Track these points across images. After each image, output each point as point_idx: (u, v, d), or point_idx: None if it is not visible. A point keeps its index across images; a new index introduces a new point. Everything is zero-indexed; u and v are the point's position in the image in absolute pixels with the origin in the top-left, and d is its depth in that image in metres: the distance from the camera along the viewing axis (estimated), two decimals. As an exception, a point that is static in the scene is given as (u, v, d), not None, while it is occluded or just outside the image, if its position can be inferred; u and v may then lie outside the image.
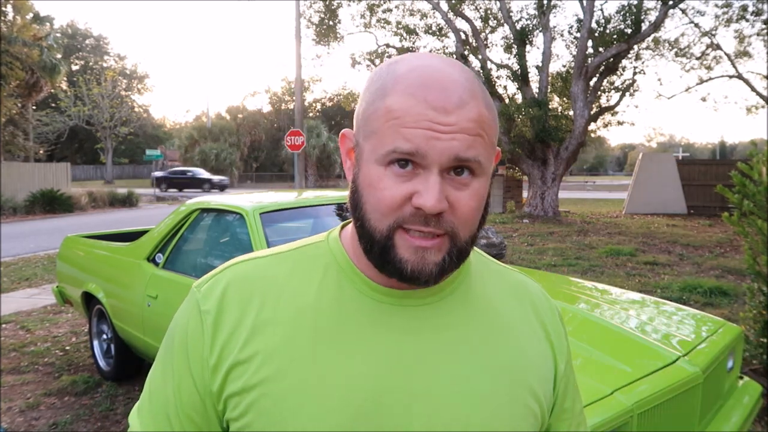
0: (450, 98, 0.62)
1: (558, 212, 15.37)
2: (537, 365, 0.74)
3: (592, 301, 2.80)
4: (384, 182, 0.63)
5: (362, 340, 0.67)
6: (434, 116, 0.61)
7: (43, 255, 10.29)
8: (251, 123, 46.24)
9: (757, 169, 3.59)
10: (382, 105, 0.64)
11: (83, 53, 52.75)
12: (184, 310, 0.73)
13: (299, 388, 0.64)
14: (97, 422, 3.48)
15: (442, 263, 0.64)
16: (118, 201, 22.38)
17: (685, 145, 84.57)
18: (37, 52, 24.54)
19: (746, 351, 3.60)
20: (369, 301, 0.69)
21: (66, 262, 4.66)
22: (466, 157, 0.62)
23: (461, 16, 16.21)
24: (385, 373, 0.66)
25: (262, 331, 0.67)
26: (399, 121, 0.62)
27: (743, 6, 15.84)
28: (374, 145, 0.64)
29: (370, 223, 0.65)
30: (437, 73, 0.64)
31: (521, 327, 0.75)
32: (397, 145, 0.62)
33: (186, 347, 0.70)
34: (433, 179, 0.61)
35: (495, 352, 0.71)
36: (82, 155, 52.26)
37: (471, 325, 0.72)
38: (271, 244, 2.91)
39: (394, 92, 0.64)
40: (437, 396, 0.66)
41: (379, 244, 0.64)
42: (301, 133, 14.08)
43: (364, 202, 0.66)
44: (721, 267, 7.87)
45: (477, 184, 0.64)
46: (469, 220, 0.65)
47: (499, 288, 0.78)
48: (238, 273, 0.72)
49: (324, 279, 0.71)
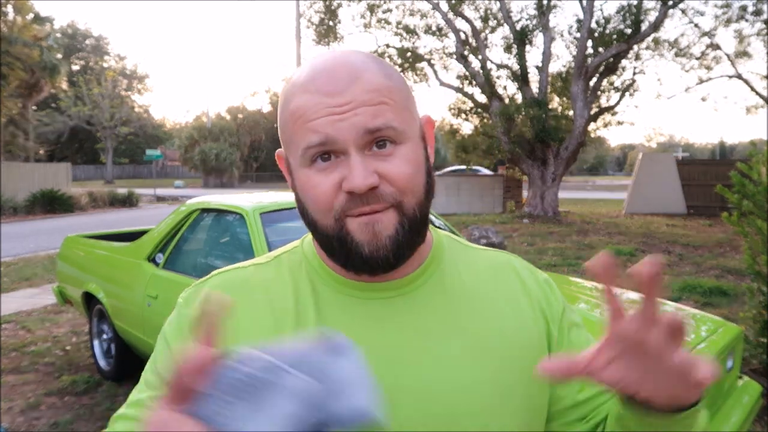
0: (338, 79, 0.63)
1: (558, 212, 15.36)
2: (526, 342, 0.72)
3: (592, 301, 2.80)
4: (312, 181, 0.64)
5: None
6: (330, 101, 0.62)
7: (44, 255, 10.29)
8: (251, 123, 46.25)
9: (756, 169, 3.59)
10: (287, 113, 0.66)
11: (83, 53, 52.75)
12: (171, 315, 0.75)
13: None
14: (97, 422, 3.49)
15: (396, 235, 0.64)
16: (118, 201, 22.38)
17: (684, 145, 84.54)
18: (37, 52, 24.54)
19: (746, 351, 3.60)
20: (344, 297, 0.70)
21: (66, 262, 4.66)
22: (376, 126, 0.62)
23: (461, 16, 16.20)
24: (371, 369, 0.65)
25: (248, 336, 0.66)
26: (303, 118, 0.63)
27: (743, 6, 15.83)
28: (293, 151, 0.66)
29: (319, 224, 0.66)
30: (325, 63, 0.66)
31: (503, 307, 0.73)
32: (308, 141, 0.63)
33: (167, 342, 0.72)
34: (354, 159, 0.62)
35: (476, 336, 0.69)
36: (83, 155, 52.26)
37: (448, 312, 0.70)
38: (271, 244, 2.91)
39: (293, 96, 0.65)
40: (421, 388, 0.65)
41: (335, 238, 0.65)
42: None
43: (306, 208, 0.67)
44: (720, 267, 7.88)
45: (404, 149, 0.64)
46: (408, 185, 0.64)
47: (476, 271, 0.76)
48: (218, 282, 0.74)
49: (299, 282, 0.72)
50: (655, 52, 17.43)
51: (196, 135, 42.57)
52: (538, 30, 15.51)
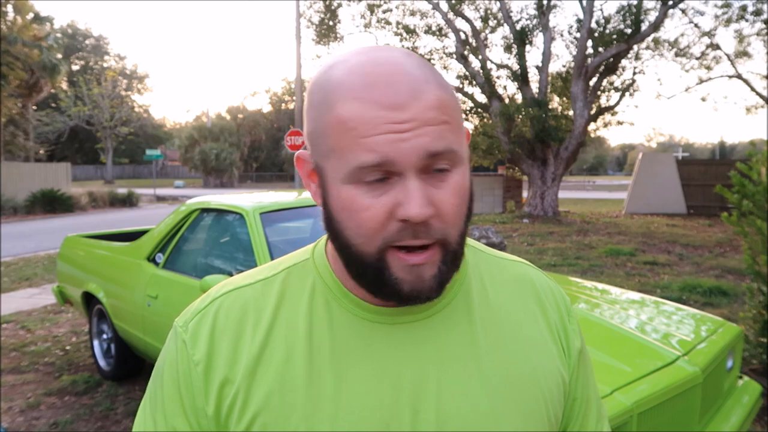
0: (399, 91, 0.56)
1: (558, 212, 15.37)
2: (547, 368, 0.69)
3: (592, 301, 2.80)
4: (359, 202, 0.57)
5: (361, 368, 0.63)
6: (390, 116, 0.55)
7: (44, 255, 10.29)
8: (251, 123, 46.27)
9: (756, 169, 3.60)
10: (330, 118, 0.58)
11: (83, 53, 52.74)
12: (171, 349, 0.67)
13: (303, 428, 0.61)
14: (97, 422, 3.49)
15: (439, 275, 0.59)
16: (118, 201, 22.38)
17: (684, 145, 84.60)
18: (37, 52, 24.55)
19: (746, 351, 3.61)
20: (362, 322, 0.64)
21: (66, 262, 4.66)
22: (438, 149, 0.56)
23: (461, 16, 16.21)
24: (390, 401, 0.62)
25: (258, 369, 0.63)
26: (355, 132, 0.56)
27: (743, 6, 15.83)
28: (335, 164, 0.58)
29: (357, 248, 0.59)
30: (379, 67, 0.58)
31: (527, 328, 0.70)
32: (362, 160, 0.56)
33: (179, 390, 0.65)
34: (412, 185, 0.56)
35: (502, 363, 0.66)
36: (82, 155, 52.27)
37: (474, 337, 0.66)
38: (271, 244, 2.91)
39: (340, 100, 0.57)
40: (446, 418, 0.62)
41: (371, 267, 0.59)
42: (301, 133, 14.06)
43: (343, 228, 0.59)
44: (720, 267, 7.87)
45: (456, 176, 0.59)
46: (456, 220, 0.60)
47: (500, 284, 0.72)
48: (224, 306, 0.67)
49: (312, 303, 0.66)
50: (655, 52, 17.44)
51: (196, 135, 42.58)
52: (538, 30, 15.52)
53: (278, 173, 47.97)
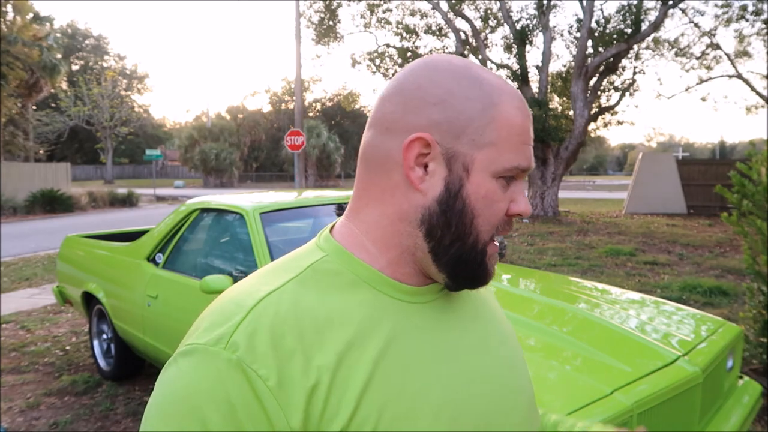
0: (527, 117, 0.67)
1: (558, 212, 15.37)
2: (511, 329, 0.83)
3: (591, 301, 2.80)
4: (497, 195, 0.65)
5: (422, 346, 0.64)
6: (529, 131, 0.66)
7: (43, 255, 10.29)
8: (251, 123, 46.27)
9: (756, 169, 3.59)
10: (496, 115, 0.62)
11: (83, 53, 52.75)
12: (207, 380, 0.54)
13: (402, 412, 0.59)
14: (97, 422, 3.49)
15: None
16: (118, 201, 22.38)
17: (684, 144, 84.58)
18: (37, 52, 24.55)
19: (746, 351, 3.60)
20: (405, 305, 0.65)
21: (66, 262, 4.66)
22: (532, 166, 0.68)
23: (461, 16, 16.21)
24: (454, 370, 0.66)
25: (343, 364, 0.58)
26: (521, 138, 0.64)
27: (743, 6, 15.83)
28: (492, 157, 0.63)
29: (479, 236, 0.65)
30: (522, 101, 0.67)
31: (492, 299, 0.82)
32: (521, 163, 0.64)
33: (237, 422, 0.53)
34: (521, 188, 0.67)
35: (500, 324, 0.77)
36: (82, 155, 52.27)
37: (476, 301, 0.76)
38: (271, 244, 2.91)
39: (503, 104, 0.64)
40: (495, 378, 0.69)
41: (480, 254, 0.66)
42: (301, 133, 14.08)
43: (476, 215, 0.64)
44: (720, 267, 7.87)
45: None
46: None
47: None
48: (273, 310, 0.59)
49: (357, 295, 0.63)
50: (655, 51, 17.45)
51: (196, 135, 42.57)
52: (538, 30, 15.52)
53: (278, 173, 47.95)
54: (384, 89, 0.68)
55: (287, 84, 46.68)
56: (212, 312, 0.61)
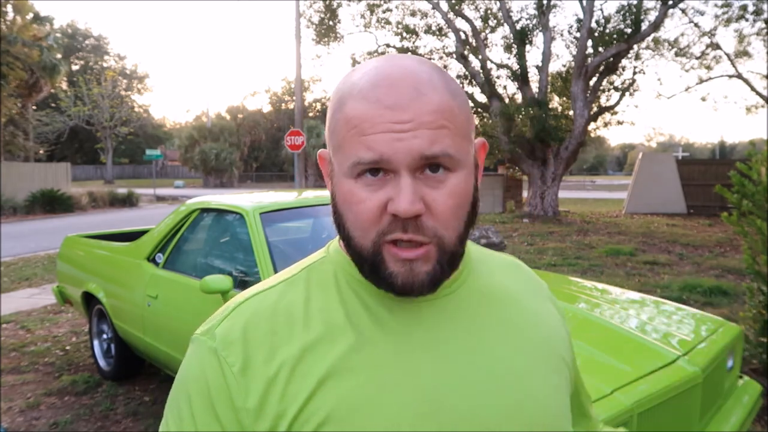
0: (402, 92, 0.59)
1: (558, 212, 15.37)
2: (559, 334, 0.77)
3: (592, 301, 2.80)
4: (357, 195, 0.61)
5: (405, 338, 0.65)
6: (390, 116, 0.59)
7: (43, 255, 10.29)
8: (251, 123, 46.24)
9: (756, 169, 3.59)
10: (341, 116, 0.62)
11: (83, 53, 52.74)
12: (193, 363, 0.66)
13: (360, 407, 0.61)
14: (97, 422, 3.49)
15: (433, 273, 0.62)
16: (118, 201, 22.38)
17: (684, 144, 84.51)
18: (37, 52, 24.54)
19: (746, 350, 3.60)
20: (390, 301, 0.67)
21: (66, 262, 4.66)
22: (432, 153, 0.59)
23: (461, 16, 16.21)
24: (432, 371, 0.64)
25: (306, 359, 0.63)
26: (358, 129, 0.60)
27: (743, 6, 15.83)
28: (341, 159, 0.62)
29: (355, 241, 0.63)
30: (388, 69, 0.62)
31: (534, 302, 0.77)
32: (360, 156, 0.59)
33: (210, 402, 0.63)
34: (404, 182, 0.59)
35: (521, 330, 0.72)
36: (82, 155, 52.26)
37: (492, 309, 0.71)
38: (271, 244, 2.91)
39: (350, 99, 0.61)
40: (481, 385, 0.66)
41: (368, 261, 0.62)
42: (301, 133, 14.08)
43: (344, 221, 0.64)
44: (720, 266, 7.87)
45: (454, 179, 0.61)
46: (450, 220, 0.61)
47: (500, 271, 0.78)
48: (252, 308, 0.67)
49: (340, 290, 0.68)
50: (655, 51, 17.45)
51: (196, 135, 42.56)
52: (538, 30, 15.52)
53: (278, 173, 47.95)
54: None
55: (287, 84, 46.69)
56: (218, 309, 0.71)
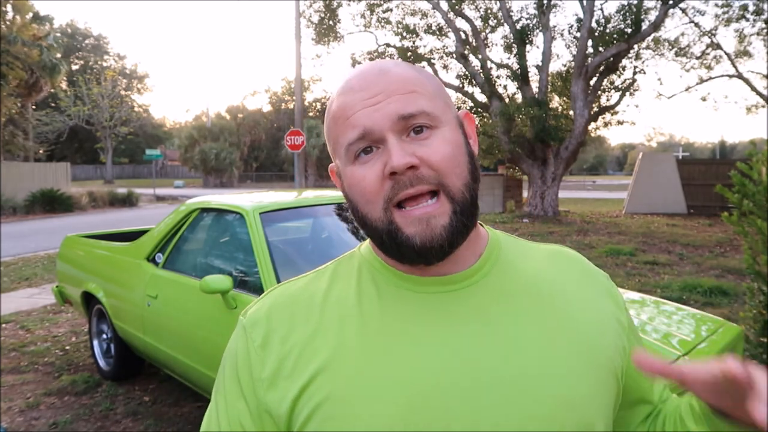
0: (369, 76, 0.68)
1: (558, 212, 15.37)
2: (599, 332, 0.71)
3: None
4: (357, 175, 0.67)
5: (409, 334, 0.67)
6: (363, 95, 0.66)
7: (43, 255, 10.29)
8: (251, 123, 46.22)
9: (756, 169, 3.59)
10: (330, 118, 0.70)
11: (83, 53, 52.73)
12: (233, 338, 0.75)
13: (356, 392, 0.64)
14: (97, 422, 3.49)
15: (450, 225, 0.64)
16: (118, 201, 22.38)
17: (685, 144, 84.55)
18: (37, 51, 24.54)
19: (746, 351, 3.60)
20: (406, 293, 0.70)
21: (66, 262, 4.66)
22: (409, 112, 0.65)
23: (461, 16, 16.20)
24: (438, 362, 0.65)
25: (314, 342, 0.68)
26: (342, 117, 0.68)
27: (743, 5, 15.83)
28: (339, 153, 0.69)
29: (369, 216, 0.67)
30: (359, 68, 0.71)
31: (571, 292, 0.73)
32: (348, 137, 0.66)
33: (236, 373, 0.71)
34: (391, 143, 0.64)
35: (548, 320, 0.69)
36: (82, 155, 52.24)
37: (515, 300, 0.70)
38: (271, 244, 2.91)
39: (333, 102, 0.70)
40: (493, 376, 0.64)
41: (385, 232, 0.66)
42: (301, 133, 14.08)
43: (356, 204, 0.69)
44: (721, 267, 7.87)
45: (440, 133, 0.66)
46: (448, 166, 0.65)
47: (535, 260, 0.76)
48: (279, 294, 0.75)
49: (360, 280, 0.72)
50: (656, 51, 17.44)
51: (196, 135, 42.55)
52: (538, 29, 15.52)
53: (278, 173, 47.95)
54: None
55: (287, 84, 46.67)
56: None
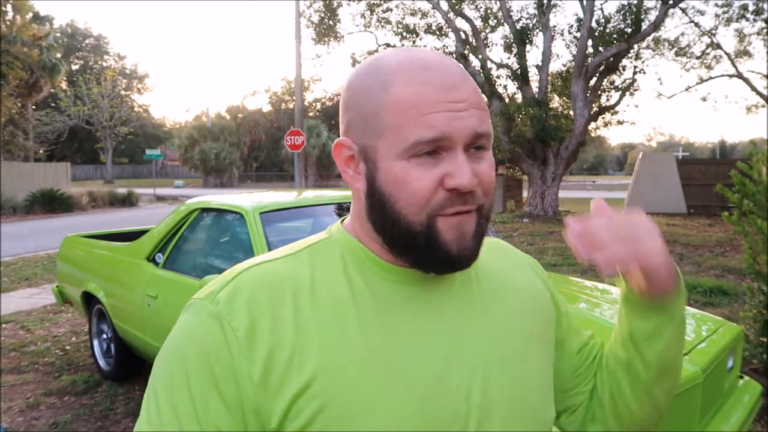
0: (454, 75, 0.64)
1: (558, 212, 15.37)
2: (546, 309, 0.81)
3: (592, 301, 2.80)
4: (412, 174, 0.63)
5: (405, 325, 0.67)
6: (449, 96, 0.62)
7: (43, 255, 10.29)
8: (251, 123, 46.22)
9: (756, 169, 3.59)
10: (386, 99, 0.63)
11: (83, 53, 52.72)
12: (193, 327, 0.64)
13: (363, 387, 0.62)
14: (97, 422, 3.49)
15: (477, 235, 0.66)
16: (118, 201, 22.38)
17: (685, 144, 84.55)
18: (37, 51, 24.56)
19: (746, 350, 3.60)
20: (394, 285, 0.69)
21: (66, 262, 4.66)
22: (482, 132, 0.64)
23: (461, 16, 16.20)
24: (440, 353, 0.67)
25: (308, 333, 0.63)
26: (415, 110, 0.62)
27: (743, 5, 15.83)
28: (391, 141, 0.63)
29: (407, 219, 0.64)
30: (429, 55, 0.66)
31: (520, 280, 0.81)
32: (421, 135, 0.61)
33: (209, 364, 0.61)
34: (461, 158, 0.63)
35: (514, 310, 0.75)
36: (82, 155, 52.24)
37: (488, 289, 0.75)
38: (270, 244, 2.91)
39: (396, 83, 0.63)
40: (491, 365, 0.69)
41: (421, 236, 0.64)
42: (301, 133, 14.08)
43: (394, 201, 0.64)
44: (720, 266, 7.87)
45: (489, 156, 0.68)
46: (491, 189, 0.67)
47: (490, 254, 0.80)
48: (258, 275, 0.67)
49: (347, 270, 0.69)
50: (656, 51, 17.45)
51: (196, 135, 42.54)
52: (538, 29, 15.51)
53: (278, 173, 47.94)
54: None
55: (287, 84, 46.66)
56: (216, 278, 0.71)
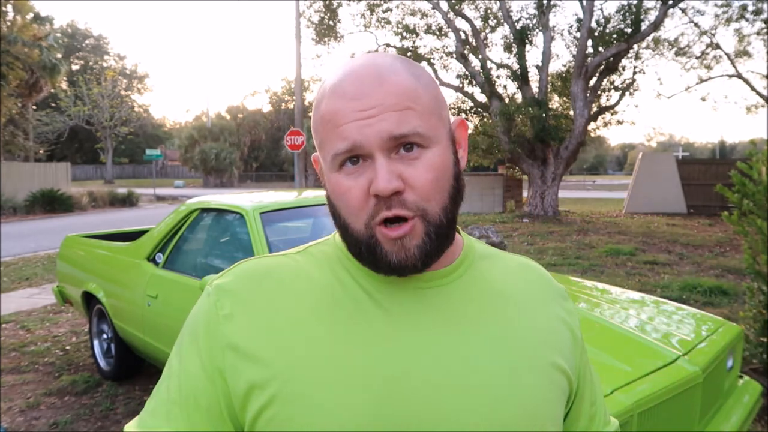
0: (364, 83, 0.64)
1: (558, 211, 15.37)
2: (556, 340, 0.74)
3: (592, 301, 2.80)
4: (343, 185, 0.65)
5: (375, 327, 0.67)
6: (356, 105, 0.63)
7: (43, 255, 10.29)
8: (251, 123, 46.22)
9: (756, 169, 3.59)
10: (318, 116, 0.68)
11: (83, 53, 52.70)
12: (196, 306, 0.74)
13: (319, 381, 0.64)
14: (97, 422, 3.49)
15: (423, 246, 0.64)
16: (118, 201, 22.39)
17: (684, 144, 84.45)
18: (37, 52, 24.54)
19: (746, 350, 3.60)
20: (385, 286, 0.69)
21: (66, 262, 4.66)
22: (401, 133, 0.63)
23: (461, 16, 16.20)
24: (401, 357, 0.65)
25: (277, 323, 0.67)
26: (331, 123, 0.65)
27: (743, 5, 15.83)
28: (324, 155, 0.68)
29: (351, 227, 0.66)
30: (353, 65, 0.67)
31: (534, 305, 0.76)
32: (337, 147, 0.64)
33: (196, 334, 0.70)
34: (379, 163, 0.63)
35: (509, 327, 0.71)
36: (82, 155, 52.23)
37: (482, 304, 0.72)
38: (270, 244, 2.91)
39: (323, 99, 0.67)
40: (454, 375, 0.66)
41: (364, 244, 0.65)
42: (301, 133, 14.07)
43: (338, 211, 0.67)
44: (720, 266, 7.87)
45: (429, 154, 0.65)
46: (430, 192, 0.64)
47: (505, 270, 0.78)
48: (249, 267, 0.73)
49: (332, 271, 0.72)
50: (655, 51, 17.45)
51: (196, 135, 42.54)
52: (538, 29, 15.51)
53: (278, 173, 47.94)
54: None
55: (287, 84, 46.64)
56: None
